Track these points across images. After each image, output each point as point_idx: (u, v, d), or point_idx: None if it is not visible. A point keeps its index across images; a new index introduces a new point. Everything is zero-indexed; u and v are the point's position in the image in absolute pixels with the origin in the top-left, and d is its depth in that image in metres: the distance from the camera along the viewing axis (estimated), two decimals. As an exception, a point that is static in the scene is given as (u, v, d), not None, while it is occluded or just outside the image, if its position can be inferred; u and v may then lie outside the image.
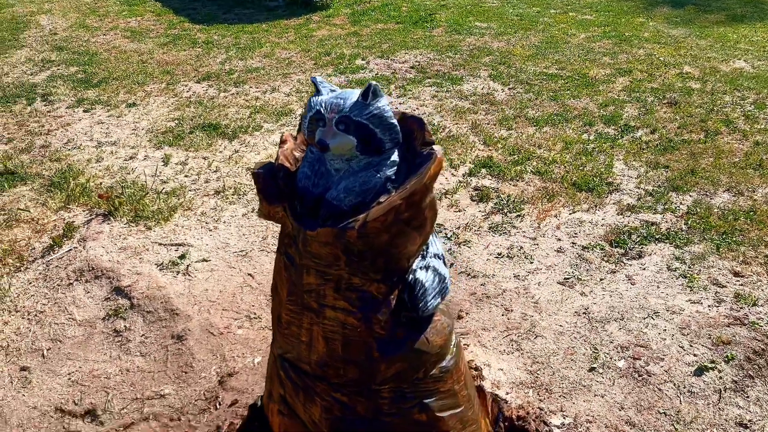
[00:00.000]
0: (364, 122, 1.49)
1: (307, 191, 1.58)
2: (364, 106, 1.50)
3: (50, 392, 2.46)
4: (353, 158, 1.53)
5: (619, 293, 2.79)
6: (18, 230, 3.52)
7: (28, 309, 2.91)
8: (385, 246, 1.52)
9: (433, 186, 1.55)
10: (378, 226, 1.47)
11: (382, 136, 1.52)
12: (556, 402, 2.21)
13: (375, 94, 1.50)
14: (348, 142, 1.49)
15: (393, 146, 1.56)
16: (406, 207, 1.48)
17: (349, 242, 1.48)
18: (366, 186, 1.52)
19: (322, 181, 1.58)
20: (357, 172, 1.54)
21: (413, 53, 6.76)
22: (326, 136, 1.49)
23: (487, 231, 3.37)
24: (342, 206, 1.52)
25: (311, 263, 1.57)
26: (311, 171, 1.59)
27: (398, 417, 1.69)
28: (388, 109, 1.54)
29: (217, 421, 2.24)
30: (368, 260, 1.53)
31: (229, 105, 5.32)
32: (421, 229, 1.58)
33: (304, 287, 1.61)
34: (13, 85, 6.05)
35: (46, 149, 4.58)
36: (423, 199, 1.52)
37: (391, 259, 1.56)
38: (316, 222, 1.54)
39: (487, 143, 4.47)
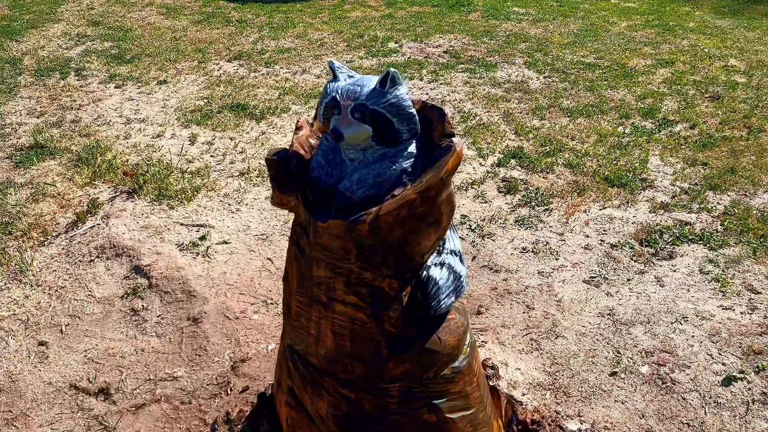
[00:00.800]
0: (381, 111, 1.42)
1: (320, 181, 1.52)
2: (381, 94, 1.43)
3: (66, 368, 2.47)
4: (368, 148, 1.47)
5: (646, 295, 2.69)
6: (44, 204, 3.55)
7: (49, 284, 2.93)
8: (398, 242, 1.45)
9: (450, 180, 1.48)
10: (390, 221, 1.41)
11: (400, 126, 1.45)
12: (574, 406, 2.14)
13: (393, 81, 1.43)
14: (363, 131, 1.42)
15: (410, 137, 1.49)
16: (421, 202, 1.41)
17: (360, 236, 1.42)
18: (380, 178, 1.45)
19: (336, 170, 1.52)
20: (371, 163, 1.47)
21: (448, 37, 6.63)
22: (341, 124, 1.42)
23: (513, 224, 3.27)
24: (354, 198, 1.46)
25: (322, 256, 1.52)
26: (325, 160, 1.53)
27: (406, 417, 1.64)
28: (407, 98, 1.47)
29: (227, 407, 2.22)
30: (380, 255, 1.47)
31: (258, 85, 5.28)
32: (436, 225, 1.51)
33: (313, 279, 1.56)
34: (48, 58, 6.11)
35: (77, 124, 4.61)
36: (439, 194, 1.45)
37: (404, 256, 1.49)
38: (328, 213, 1.48)
39: (518, 133, 4.35)
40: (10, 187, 3.74)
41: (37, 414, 2.28)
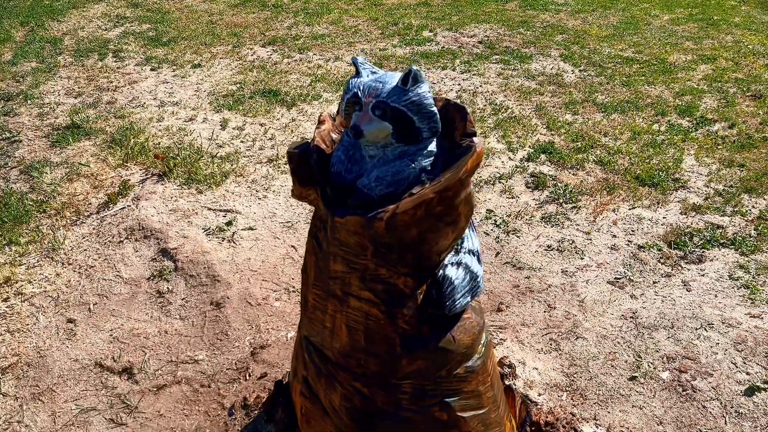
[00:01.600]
0: (401, 109, 1.42)
1: (340, 176, 1.53)
2: (403, 91, 1.42)
3: (92, 346, 2.54)
4: (388, 146, 1.46)
5: (672, 299, 2.64)
6: (78, 184, 3.63)
7: (79, 263, 3.00)
8: (415, 240, 1.45)
9: (469, 181, 1.46)
10: (407, 219, 1.40)
11: (420, 125, 1.44)
12: (590, 409, 2.12)
13: (415, 79, 1.42)
14: (383, 129, 1.42)
15: (431, 135, 1.48)
16: (439, 201, 1.41)
17: (376, 233, 1.43)
18: (399, 176, 1.45)
19: (356, 167, 1.52)
20: (391, 160, 1.47)
21: (483, 27, 6.56)
22: (361, 121, 1.42)
23: (539, 221, 3.24)
24: (372, 195, 1.46)
25: (338, 250, 1.52)
26: (345, 156, 1.53)
27: (418, 413, 1.64)
28: (429, 96, 1.46)
29: (245, 392, 2.26)
30: (396, 253, 1.47)
31: (291, 71, 5.30)
32: (454, 225, 1.50)
33: (330, 274, 1.57)
34: (87, 39, 6.22)
35: (112, 105, 4.70)
36: (457, 194, 1.44)
37: (420, 254, 1.49)
38: (346, 209, 1.48)
39: (550, 127, 4.29)
40: (46, 166, 3.83)
41: (62, 390, 2.35)
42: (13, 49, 6.01)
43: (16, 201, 3.47)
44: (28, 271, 2.95)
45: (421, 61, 5.53)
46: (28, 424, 2.22)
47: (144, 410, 2.25)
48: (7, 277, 2.90)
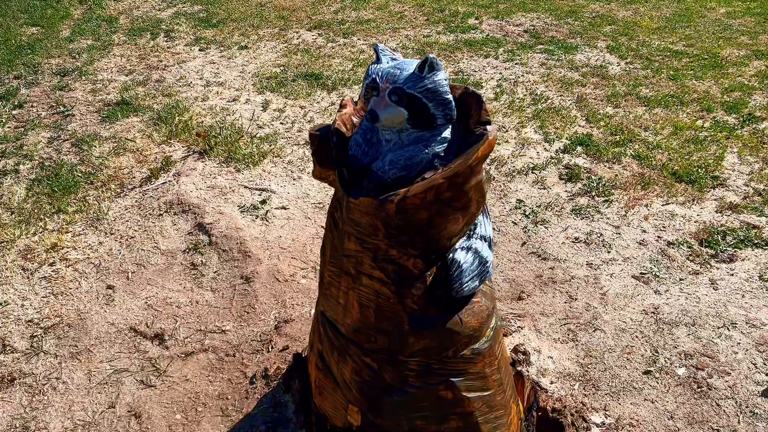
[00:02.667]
0: (417, 95, 1.46)
1: (357, 159, 1.58)
2: (419, 78, 1.46)
3: (128, 312, 2.68)
4: (404, 131, 1.51)
5: (696, 297, 2.62)
6: (124, 158, 3.79)
7: (121, 233, 3.15)
8: (424, 223, 1.50)
9: (481, 168, 1.50)
10: (417, 203, 1.46)
11: (435, 111, 1.49)
12: (601, 400, 2.14)
13: (432, 67, 1.46)
14: (399, 114, 1.47)
15: (446, 122, 1.52)
16: (448, 187, 1.45)
17: (387, 215, 1.48)
18: (412, 161, 1.50)
19: (372, 150, 1.58)
20: (406, 145, 1.52)
21: (530, 16, 6.49)
22: (378, 106, 1.47)
23: (570, 213, 3.24)
24: (386, 178, 1.51)
25: (352, 230, 1.59)
26: (363, 139, 1.59)
27: (423, 390, 1.70)
28: (445, 84, 1.50)
29: (266, 363, 2.35)
30: (406, 235, 1.52)
31: (334, 56, 5.37)
32: (464, 210, 1.54)
33: (344, 252, 1.63)
34: (141, 18, 6.42)
35: (160, 84, 4.86)
36: (467, 180, 1.48)
37: (430, 237, 1.54)
38: (361, 191, 1.54)
39: (589, 120, 4.25)
40: (95, 139, 4.01)
41: (99, 351, 2.50)
42: (71, 27, 6.26)
43: (66, 172, 3.66)
44: (74, 239, 3.12)
45: (464, 48, 5.53)
46: (65, 381, 2.37)
47: (172, 374, 2.37)
48: (54, 244, 3.07)
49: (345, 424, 1.85)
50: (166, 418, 2.20)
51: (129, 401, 2.27)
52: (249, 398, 2.24)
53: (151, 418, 2.21)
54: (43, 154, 3.89)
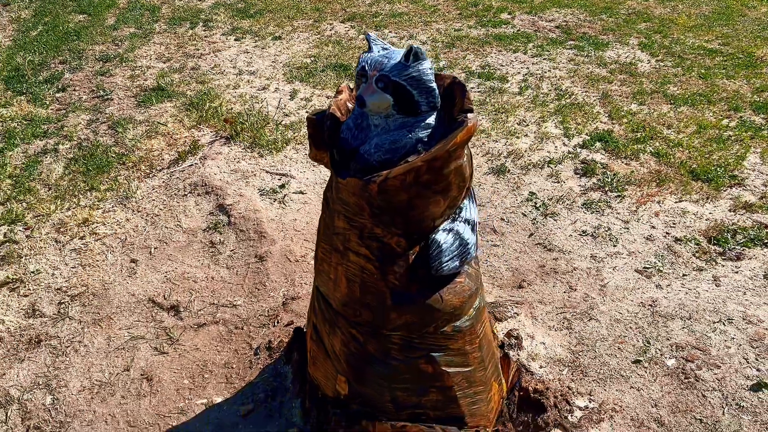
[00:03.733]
0: (401, 83, 1.55)
1: (347, 142, 1.69)
2: (404, 67, 1.56)
3: (148, 284, 2.85)
4: (390, 116, 1.61)
5: (696, 292, 2.64)
6: (155, 141, 3.98)
7: (147, 211, 3.33)
8: (405, 204, 1.60)
9: (461, 153, 1.59)
10: (397, 184, 1.55)
11: (419, 98, 1.58)
12: (588, 385, 2.20)
13: (416, 56, 1.55)
14: (385, 100, 1.57)
15: (429, 109, 1.61)
16: (427, 170, 1.54)
17: (371, 195, 1.58)
18: (396, 145, 1.59)
19: (362, 134, 1.68)
20: (392, 130, 1.62)
21: (564, 12, 6.47)
22: (365, 92, 1.57)
23: (580, 207, 3.28)
24: (371, 161, 1.61)
25: (341, 209, 1.69)
26: (354, 124, 1.69)
27: (405, 363, 1.80)
28: (429, 73, 1.59)
29: (271, 336, 2.49)
30: (388, 215, 1.62)
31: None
32: (445, 193, 1.63)
33: (334, 229, 1.74)
34: (182, 8, 6.64)
35: (195, 71, 5.05)
36: (446, 164, 1.57)
37: (411, 218, 1.64)
38: (349, 172, 1.65)
39: (612, 116, 4.26)
40: (130, 123, 4.21)
41: (119, 319, 2.67)
42: (116, 15, 6.52)
43: (101, 153, 3.86)
44: (104, 215, 3.31)
45: (494, 43, 5.56)
46: (86, 345, 2.55)
47: (184, 343, 2.53)
48: (86, 219, 3.27)
49: (334, 392, 1.97)
50: (175, 382, 2.36)
51: (143, 365, 2.44)
52: (252, 368, 2.38)
53: (161, 381, 2.36)
54: (81, 135, 4.11)
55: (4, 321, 2.69)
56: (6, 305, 2.77)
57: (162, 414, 2.24)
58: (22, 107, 4.52)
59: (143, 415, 2.24)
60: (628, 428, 2.06)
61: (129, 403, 2.29)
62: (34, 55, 5.46)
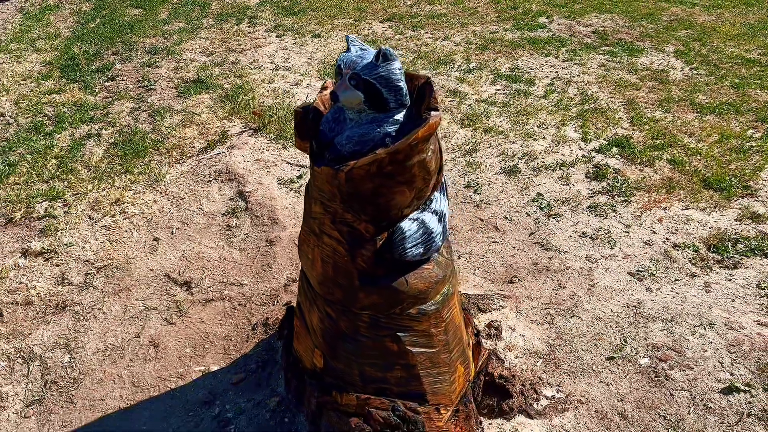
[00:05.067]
0: (371, 81, 1.70)
1: (324, 134, 1.85)
2: (374, 66, 1.70)
3: (166, 261, 3.08)
4: (363, 111, 1.76)
5: (683, 296, 2.69)
6: (189, 130, 4.23)
7: (173, 194, 3.57)
8: (371, 192, 1.74)
9: (425, 148, 1.72)
10: (362, 173, 1.70)
11: (388, 96, 1.72)
12: (558, 377, 2.30)
13: (385, 57, 1.70)
14: (356, 96, 1.72)
15: (398, 106, 1.75)
16: (390, 162, 1.69)
17: (340, 183, 1.74)
18: (365, 138, 1.74)
19: (338, 127, 1.83)
20: (363, 124, 1.77)
21: (603, 17, 6.46)
22: (338, 88, 1.73)
23: (585, 210, 3.35)
24: (343, 151, 1.77)
25: (318, 195, 1.86)
26: (332, 117, 1.85)
27: (372, 340, 1.95)
28: (398, 73, 1.73)
29: (269, 314, 2.67)
30: (357, 202, 1.77)
31: (398, 47, 5.63)
32: (410, 184, 1.77)
33: (312, 214, 1.91)
34: (230, 5, 6.93)
35: (235, 65, 5.30)
36: (409, 157, 1.70)
37: (378, 206, 1.78)
38: (323, 161, 1.81)
39: (633, 122, 4.28)
40: (168, 112, 4.48)
41: (136, 290, 2.91)
42: (169, 10, 6.86)
43: (138, 139, 4.14)
44: (134, 196, 3.57)
45: (527, 46, 5.62)
46: (105, 312, 2.79)
47: (191, 316, 2.74)
48: (117, 199, 3.53)
49: (312, 365, 2.13)
50: (178, 350, 2.57)
51: (152, 333, 2.66)
52: (248, 341, 2.57)
53: (166, 348, 2.58)
54: (123, 122, 4.40)
55: (36, 287, 2.97)
56: (39, 273, 3.05)
57: (163, 377, 2.45)
58: (73, 94, 4.86)
59: (147, 377, 2.46)
60: (592, 419, 2.15)
61: (136, 366, 2.51)
62: (89, 46, 5.83)
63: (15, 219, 3.43)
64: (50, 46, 5.91)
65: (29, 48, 5.88)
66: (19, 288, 2.96)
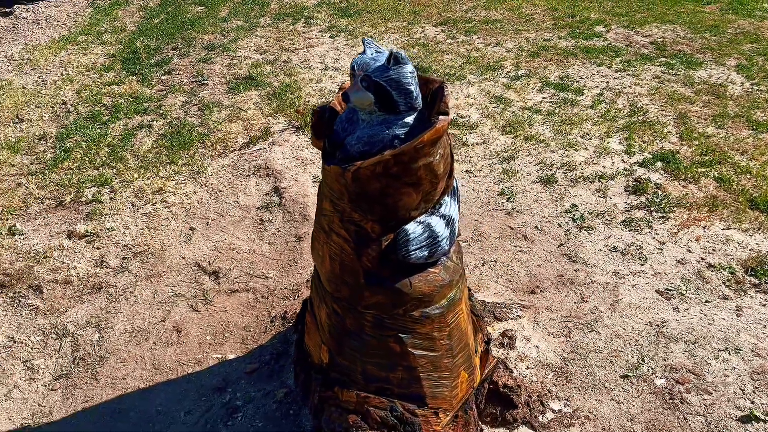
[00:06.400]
0: (381, 83, 1.72)
1: (337, 134, 1.89)
2: (385, 69, 1.73)
3: (198, 251, 3.18)
4: (374, 113, 1.79)
5: (711, 318, 2.59)
6: (234, 125, 4.35)
7: (212, 186, 3.69)
8: (378, 193, 1.77)
9: (429, 151, 1.73)
10: (368, 174, 1.73)
11: (398, 99, 1.74)
12: (568, 391, 2.26)
13: (396, 60, 1.72)
14: (366, 98, 1.75)
15: (408, 109, 1.77)
16: (395, 163, 1.71)
17: (347, 182, 1.77)
18: (374, 139, 1.77)
19: (351, 127, 1.87)
20: (374, 125, 1.79)
21: (664, 28, 6.27)
22: (350, 89, 1.77)
23: (619, 224, 3.27)
24: (352, 151, 1.80)
25: (328, 193, 1.89)
26: (346, 117, 1.89)
27: (376, 340, 1.97)
28: (409, 76, 1.75)
29: (288, 308, 2.73)
30: (364, 202, 1.80)
31: (449, 52, 5.62)
32: (416, 187, 1.79)
33: (322, 211, 1.95)
34: (288, 5, 7.08)
35: (286, 64, 5.41)
36: (414, 160, 1.72)
37: (386, 207, 1.80)
38: (334, 160, 1.84)
39: (682, 137, 4.15)
40: (216, 106, 4.62)
41: (167, 276, 3.02)
42: (230, 8, 7.06)
43: (186, 131, 4.29)
44: (175, 186, 3.70)
45: (580, 55, 5.52)
46: (136, 295, 2.91)
47: (215, 305, 2.83)
48: (160, 188, 3.67)
49: (319, 360, 2.17)
50: (199, 336, 2.66)
51: (176, 319, 2.76)
52: (266, 333, 2.63)
53: (188, 334, 2.67)
54: (174, 115, 4.57)
55: (76, 267, 3.12)
56: (81, 254, 3.21)
57: (182, 362, 2.54)
58: (131, 86, 5.08)
59: (167, 360, 2.56)
60: (598, 437, 2.11)
61: (158, 349, 2.61)
62: (151, 40, 6.07)
63: (65, 202, 3.62)
64: (115, 40, 6.18)
65: (96, 41, 6.17)
66: (61, 267, 3.12)
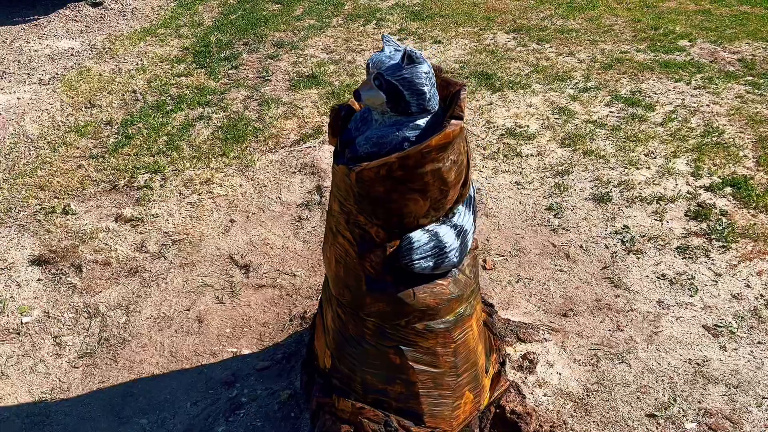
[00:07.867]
0: (394, 82, 1.65)
1: (351, 132, 1.82)
2: (399, 68, 1.66)
3: (234, 243, 3.20)
4: (386, 113, 1.71)
5: (761, 362, 2.35)
6: (289, 122, 4.38)
7: (258, 180, 3.71)
8: (382, 196, 1.69)
9: (436, 156, 1.64)
10: (372, 176, 1.66)
11: (410, 99, 1.66)
12: (585, 425, 2.09)
13: (410, 59, 1.65)
14: (378, 96, 1.68)
15: (420, 111, 1.68)
16: (399, 167, 1.63)
17: (351, 182, 1.70)
18: (382, 140, 1.70)
19: (364, 127, 1.80)
20: (385, 126, 1.72)
21: (756, 45, 5.84)
22: (362, 87, 1.70)
23: (672, 250, 3.04)
24: (360, 151, 1.73)
25: (337, 192, 1.83)
26: (360, 117, 1.82)
27: (376, 349, 1.89)
28: (423, 77, 1.67)
29: (308, 307, 2.69)
30: (369, 204, 1.73)
31: (516, 59, 5.46)
32: (423, 193, 1.70)
33: (331, 211, 1.89)
34: (362, 6, 7.09)
35: (350, 65, 5.41)
36: (420, 164, 1.63)
37: (390, 211, 1.73)
38: (343, 158, 1.78)
39: (759, 162, 3.83)
40: (275, 103, 4.67)
41: (200, 265, 3.05)
42: (304, 7, 7.15)
43: (242, 125, 4.34)
44: (223, 178, 3.75)
45: (657, 69, 5.22)
46: (167, 282, 2.96)
47: (240, 299, 2.82)
48: (208, 179, 3.73)
49: (323, 365, 2.11)
50: (219, 329, 2.66)
51: (201, 309, 2.77)
52: (283, 331, 2.60)
53: (209, 325, 2.68)
54: (234, 108, 4.65)
55: (117, 250, 3.20)
56: (124, 238, 3.29)
57: (198, 352, 2.55)
58: (198, 78, 5.21)
59: (184, 350, 2.57)
60: (611, 478, 1.94)
61: (178, 337, 2.63)
62: (224, 35, 6.22)
63: (118, 186, 3.73)
64: (192, 33, 6.38)
65: (173, 33, 6.38)
66: (103, 249, 3.21)
